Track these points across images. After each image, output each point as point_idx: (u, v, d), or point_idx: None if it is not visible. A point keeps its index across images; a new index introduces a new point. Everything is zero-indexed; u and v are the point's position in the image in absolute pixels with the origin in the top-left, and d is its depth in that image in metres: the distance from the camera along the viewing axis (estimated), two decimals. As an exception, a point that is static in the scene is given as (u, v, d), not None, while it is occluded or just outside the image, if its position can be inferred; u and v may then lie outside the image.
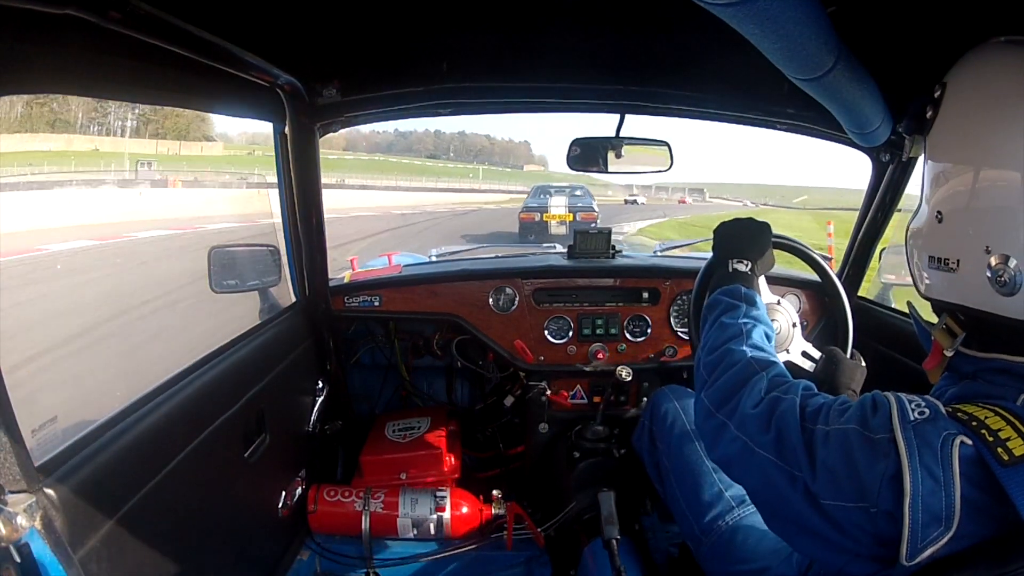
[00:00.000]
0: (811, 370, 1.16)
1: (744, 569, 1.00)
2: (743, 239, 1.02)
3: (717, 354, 0.80)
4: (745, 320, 0.84)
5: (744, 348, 0.79)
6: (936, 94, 0.68)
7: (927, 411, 0.58)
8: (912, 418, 0.58)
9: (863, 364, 1.14)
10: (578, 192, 12.31)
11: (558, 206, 11.20)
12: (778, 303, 1.19)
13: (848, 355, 1.16)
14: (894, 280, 1.62)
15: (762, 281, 1.17)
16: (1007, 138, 0.59)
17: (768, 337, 0.85)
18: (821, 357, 1.15)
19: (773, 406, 0.69)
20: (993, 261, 0.59)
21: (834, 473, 0.61)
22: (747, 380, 0.74)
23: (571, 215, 10.99)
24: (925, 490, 0.54)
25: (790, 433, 0.65)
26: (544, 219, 10.90)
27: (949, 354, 0.67)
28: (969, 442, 0.55)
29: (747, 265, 0.97)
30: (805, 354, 1.19)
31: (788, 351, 1.18)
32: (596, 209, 11.94)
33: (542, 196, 11.84)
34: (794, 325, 1.19)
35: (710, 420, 0.76)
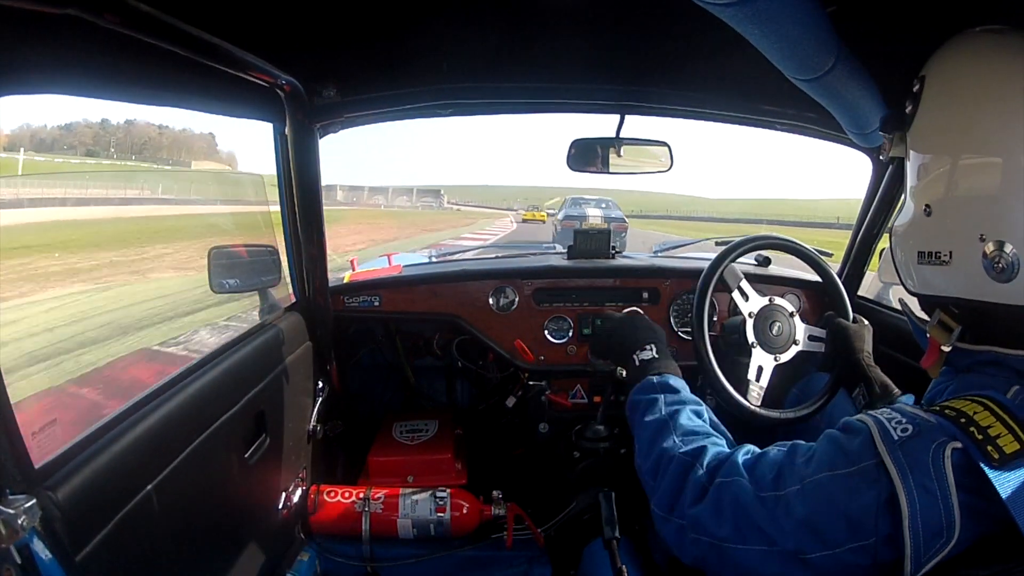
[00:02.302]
0: (823, 350, 1.21)
1: None
2: (628, 332, 0.99)
3: (652, 459, 0.78)
4: (667, 410, 0.82)
5: (674, 442, 0.76)
6: (915, 88, 0.68)
7: (910, 427, 0.57)
8: (896, 437, 0.57)
9: (866, 322, 1.18)
10: (604, 205, 13.89)
11: (595, 216, 13.04)
12: (770, 302, 1.22)
13: (851, 320, 1.21)
14: (894, 281, 1.62)
15: (746, 286, 1.23)
16: (993, 122, 0.59)
17: (698, 414, 0.82)
18: (827, 332, 1.20)
19: (719, 495, 0.66)
20: (988, 248, 0.58)
21: (814, 526, 0.59)
22: (685, 477, 0.71)
23: (606, 224, 12.31)
24: (923, 507, 0.53)
25: (750, 514, 0.63)
26: (583, 227, 12.30)
27: (947, 349, 0.66)
28: (959, 446, 0.54)
29: (651, 349, 0.94)
30: (812, 337, 1.23)
31: (797, 342, 1.21)
32: (626, 220, 13.70)
33: (580, 207, 13.74)
34: (791, 315, 1.22)
35: (667, 525, 0.73)
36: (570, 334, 1.61)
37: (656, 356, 0.93)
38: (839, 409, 1.12)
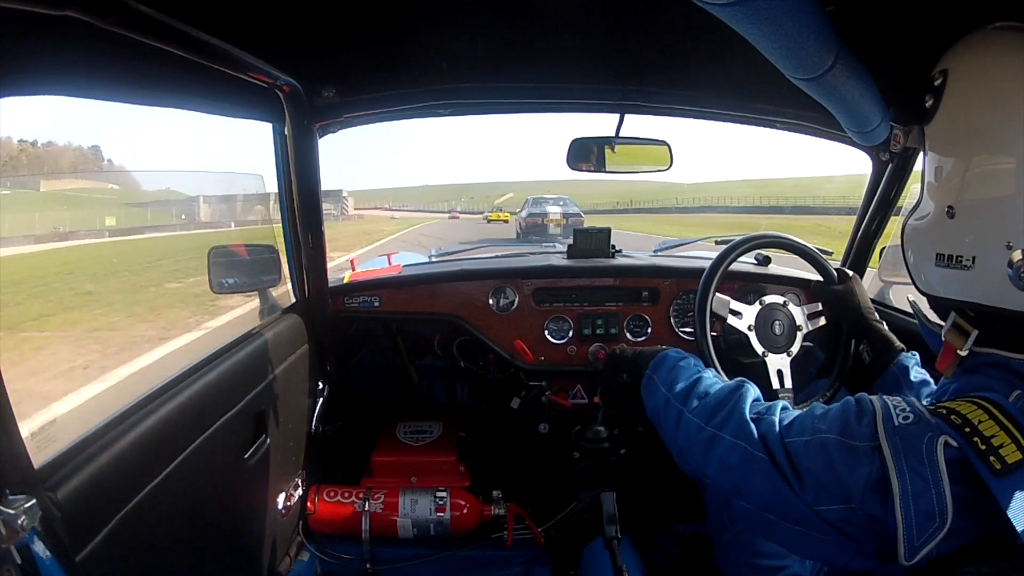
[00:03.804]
0: (824, 322, 1.24)
1: (761, 564, 1.01)
2: (628, 363, 1.04)
3: (700, 388, 0.84)
4: (698, 368, 0.91)
5: (719, 380, 0.86)
6: (937, 82, 0.66)
7: (911, 415, 0.59)
8: (897, 423, 0.58)
9: (851, 273, 1.22)
10: (562, 202, 15.66)
11: (554, 212, 14.72)
12: (762, 304, 1.25)
13: (836, 279, 1.24)
14: (894, 280, 1.62)
15: (736, 305, 1.25)
16: None
17: (689, 388, 0.89)
18: (822, 302, 1.24)
19: (757, 424, 0.71)
20: (1015, 257, 0.57)
21: (819, 479, 0.62)
22: (735, 391, 0.78)
23: (564, 219, 14.28)
24: (915, 490, 0.54)
25: (775, 450, 0.67)
26: (545, 222, 14.32)
27: (964, 353, 0.65)
28: (954, 444, 0.55)
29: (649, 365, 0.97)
30: (811, 315, 1.25)
31: (800, 327, 1.23)
32: (582, 215, 15.71)
33: (541, 205, 15.48)
34: (785, 304, 1.24)
35: (701, 432, 0.77)
36: (570, 334, 1.61)
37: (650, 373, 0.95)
38: None
